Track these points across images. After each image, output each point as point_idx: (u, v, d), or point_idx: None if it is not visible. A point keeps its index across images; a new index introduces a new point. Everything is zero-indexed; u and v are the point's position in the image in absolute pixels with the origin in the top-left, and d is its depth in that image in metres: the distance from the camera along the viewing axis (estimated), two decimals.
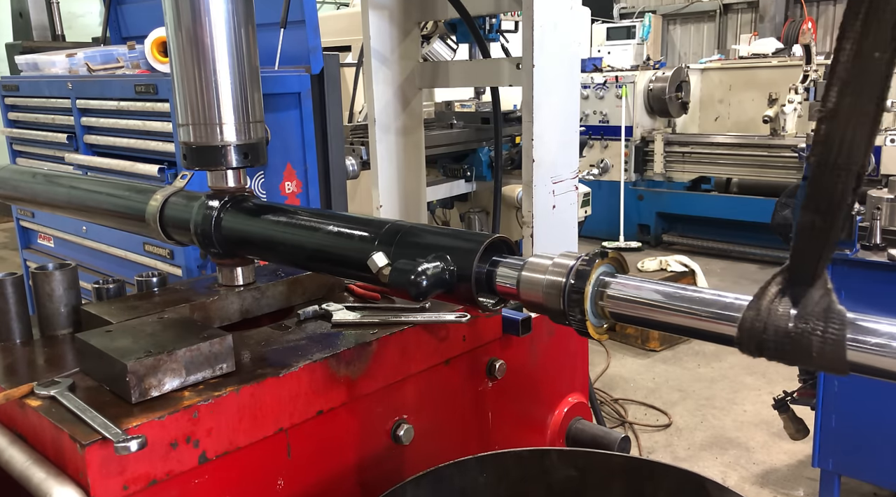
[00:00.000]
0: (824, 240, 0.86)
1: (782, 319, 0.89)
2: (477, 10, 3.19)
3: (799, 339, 0.88)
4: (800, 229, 0.87)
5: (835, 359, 0.86)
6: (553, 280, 1.15)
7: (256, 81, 1.63)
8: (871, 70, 0.80)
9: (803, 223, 0.86)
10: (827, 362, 0.87)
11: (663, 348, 5.65)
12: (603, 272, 1.14)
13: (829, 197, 0.84)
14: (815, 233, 0.86)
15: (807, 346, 0.87)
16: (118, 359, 1.23)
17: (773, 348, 0.90)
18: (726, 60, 10.18)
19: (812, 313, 0.87)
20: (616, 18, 15.79)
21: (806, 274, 0.88)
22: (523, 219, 2.99)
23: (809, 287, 0.89)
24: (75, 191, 1.97)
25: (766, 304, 0.91)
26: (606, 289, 1.11)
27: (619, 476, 1.44)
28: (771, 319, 0.90)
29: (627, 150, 8.69)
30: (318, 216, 1.52)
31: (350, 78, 4.97)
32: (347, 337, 1.49)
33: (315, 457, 1.40)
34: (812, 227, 0.86)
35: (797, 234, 0.88)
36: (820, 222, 0.85)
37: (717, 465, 4.04)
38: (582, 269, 1.12)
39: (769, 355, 0.92)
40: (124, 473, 1.13)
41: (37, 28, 7.31)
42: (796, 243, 0.88)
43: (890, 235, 3.00)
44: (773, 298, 0.91)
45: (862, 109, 0.81)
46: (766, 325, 0.90)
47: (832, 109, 0.82)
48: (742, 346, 0.94)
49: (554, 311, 1.16)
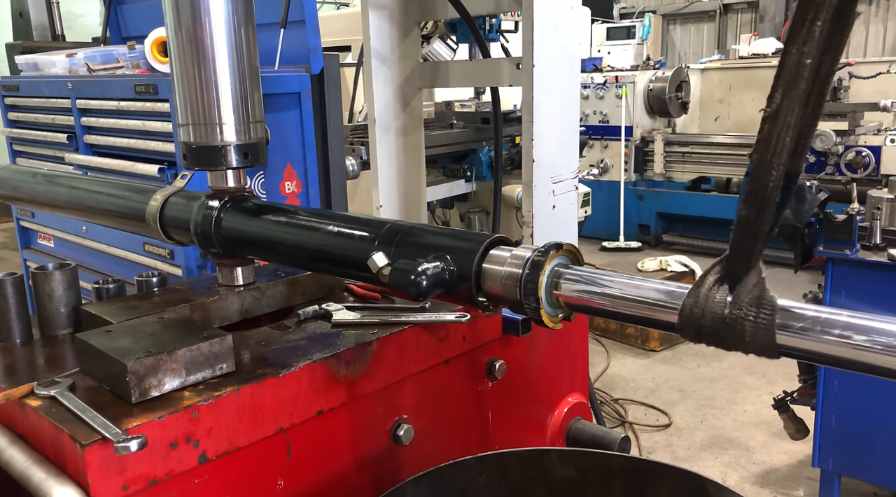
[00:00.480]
0: (757, 233, 0.91)
1: (719, 306, 0.94)
2: (477, 10, 3.19)
3: (733, 325, 0.93)
4: (737, 222, 0.92)
5: (765, 343, 0.92)
6: (510, 271, 1.19)
7: (256, 81, 1.63)
8: (804, 75, 0.85)
9: (740, 217, 0.92)
10: (758, 346, 0.93)
11: (663, 348, 5.65)
12: (558, 263, 1.18)
13: (763, 193, 0.89)
14: (749, 226, 0.91)
15: (740, 331, 0.93)
16: (118, 359, 1.23)
17: (711, 333, 0.95)
18: (726, 60, 10.18)
19: (745, 301, 0.93)
20: (616, 18, 15.79)
21: (741, 264, 0.94)
22: (523, 219, 2.99)
23: (745, 276, 0.94)
24: (75, 191, 1.97)
25: (704, 291, 0.96)
26: (560, 279, 1.16)
27: (619, 476, 1.44)
28: (708, 306, 0.95)
29: (627, 150, 8.69)
30: (318, 216, 1.52)
31: (350, 78, 4.97)
32: (347, 337, 1.49)
33: (315, 457, 1.40)
34: (748, 221, 0.91)
35: (735, 227, 0.93)
36: (754, 216, 0.91)
37: (717, 465, 4.04)
38: (537, 260, 1.17)
39: (707, 340, 0.97)
40: (124, 473, 1.13)
41: (37, 28, 7.31)
42: (733, 235, 0.93)
43: (890, 235, 3.00)
44: (712, 286, 0.96)
45: (795, 111, 0.86)
46: (703, 312, 0.95)
47: (775, 110, 0.87)
48: (682, 332, 0.99)
49: (512, 302, 1.19)
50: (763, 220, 0.90)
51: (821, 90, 0.87)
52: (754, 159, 0.89)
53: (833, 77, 0.88)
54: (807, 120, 0.87)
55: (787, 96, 0.86)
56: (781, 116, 0.87)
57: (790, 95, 0.86)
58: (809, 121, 0.88)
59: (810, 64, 0.84)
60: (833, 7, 0.82)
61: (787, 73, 0.85)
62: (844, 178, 6.77)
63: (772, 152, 0.88)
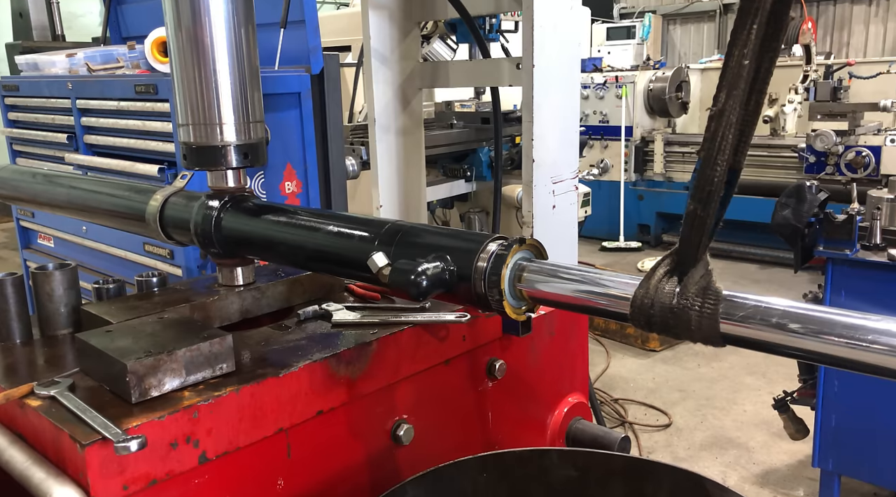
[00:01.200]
0: (703, 226, 0.95)
1: (667, 297, 0.98)
2: (477, 10, 3.19)
3: (680, 314, 0.97)
4: (685, 216, 0.97)
5: (710, 331, 0.95)
6: (478, 266, 1.22)
7: (256, 81, 1.63)
8: (743, 75, 0.89)
9: (688, 211, 0.96)
10: (704, 334, 0.96)
11: (663, 348, 5.65)
12: (521, 257, 1.22)
13: (709, 188, 0.93)
14: (696, 220, 0.96)
15: (686, 320, 0.96)
16: (118, 359, 1.23)
17: (659, 322, 0.99)
18: None
19: (692, 291, 0.97)
20: (616, 18, 15.79)
21: (690, 257, 0.97)
22: (523, 219, 2.99)
23: (692, 268, 0.98)
24: (75, 191, 1.97)
25: (654, 283, 1.00)
26: (523, 272, 1.20)
27: (619, 476, 1.44)
28: (658, 296, 0.99)
29: (627, 150, 8.69)
30: (318, 216, 1.52)
31: (350, 78, 4.97)
32: (347, 337, 1.48)
33: (315, 457, 1.40)
34: (695, 215, 0.95)
35: (683, 221, 0.97)
36: (700, 211, 0.95)
37: (717, 465, 4.04)
38: (500, 254, 1.20)
39: (657, 329, 1.01)
40: (124, 473, 1.13)
41: (37, 28, 7.31)
42: (682, 229, 0.98)
43: (890, 235, 3.00)
44: (661, 278, 1.00)
45: (737, 110, 0.91)
46: (653, 302, 0.99)
47: (719, 109, 0.91)
48: (633, 321, 1.03)
49: (479, 296, 1.22)
50: (709, 214, 0.94)
51: (760, 89, 0.92)
52: (701, 156, 0.93)
53: (771, 77, 0.92)
54: (748, 118, 0.92)
55: (730, 96, 0.90)
56: (725, 115, 0.90)
57: (732, 95, 0.90)
58: (750, 119, 0.92)
59: (748, 65, 0.88)
60: (768, 11, 0.86)
61: (729, 74, 0.89)
62: (844, 178, 6.77)
63: (716, 150, 0.91)
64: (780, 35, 0.89)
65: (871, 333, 0.86)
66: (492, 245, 1.24)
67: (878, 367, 0.85)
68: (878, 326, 0.86)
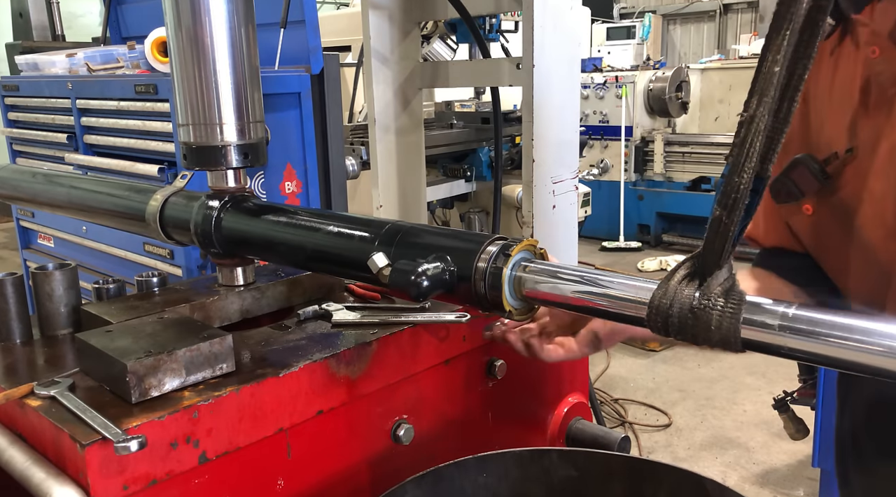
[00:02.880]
0: (728, 233, 0.94)
1: (687, 298, 0.97)
2: (477, 10, 3.19)
3: (700, 315, 0.95)
4: (710, 221, 0.95)
5: (730, 332, 0.94)
6: (479, 266, 1.21)
7: (256, 81, 1.63)
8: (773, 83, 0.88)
9: (713, 217, 0.95)
10: (722, 335, 0.95)
11: (663, 348, 5.65)
12: (522, 258, 1.22)
13: (735, 195, 0.92)
14: (721, 226, 0.94)
15: (706, 320, 0.95)
16: (118, 359, 1.23)
17: (678, 324, 0.98)
18: (726, 60, 10.19)
19: (714, 292, 0.95)
20: (616, 18, 15.79)
21: (713, 263, 0.96)
22: (523, 219, 3.00)
23: (716, 271, 0.97)
24: (75, 191, 1.97)
25: (673, 285, 0.99)
26: (524, 273, 1.20)
27: (619, 476, 1.44)
28: (677, 298, 0.98)
29: (627, 150, 8.69)
30: (318, 216, 1.52)
31: (350, 78, 4.97)
32: (347, 337, 1.48)
33: (315, 457, 1.40)
34: (720, 222, 0.94)
35: (708, 226, 0.96)
36: (725, 217, 0.93)
37: (717, 465, 4.04)
38: (501, 255, 1.20)
39: (673, 331, 0.99)
40: (124, 473, 1.13)
41: (37, 28, 7.31)
42: (707, 234, 0.96)
43: None
44: (681, 280, 0.99)
45: (767, 118, 0.89)
46: (672, 303, 0.98)
47: (750, 116, 0.89)
48: (650, 323, 1.02)
49: (479, 296, 1.22)
50: (733, 221, 0.93)
51: (792, 97, 0.90)
52: (729, 162, 0.92)
53: (804, 85, 0.91)
54: (777, 126, 0.91)
55: (761, 103, 0.88)
56: (755, 122, 0.89)
57: (763, 102, 0.88)
58: (780, 127, 0.91)
59: (779, 71, 0.87)
60: (803, 17, 0.85)
61: (761, 80, 0.88)
62: None
63: (744, 156, 0.90)
64: (815, 42, 0.87)
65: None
66: (492, 246, 1.24)
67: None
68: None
